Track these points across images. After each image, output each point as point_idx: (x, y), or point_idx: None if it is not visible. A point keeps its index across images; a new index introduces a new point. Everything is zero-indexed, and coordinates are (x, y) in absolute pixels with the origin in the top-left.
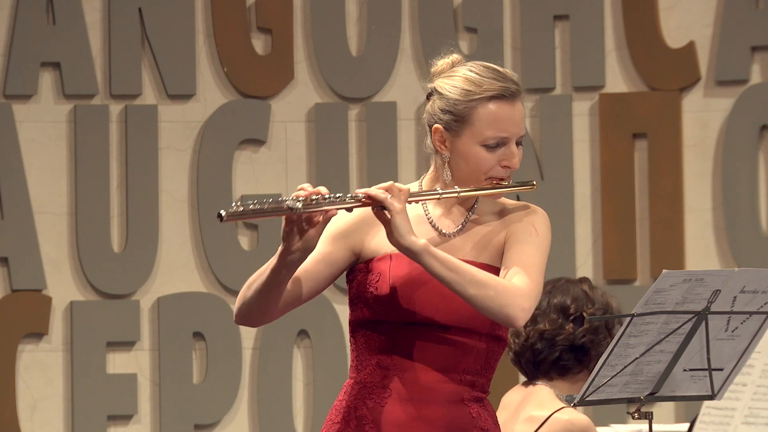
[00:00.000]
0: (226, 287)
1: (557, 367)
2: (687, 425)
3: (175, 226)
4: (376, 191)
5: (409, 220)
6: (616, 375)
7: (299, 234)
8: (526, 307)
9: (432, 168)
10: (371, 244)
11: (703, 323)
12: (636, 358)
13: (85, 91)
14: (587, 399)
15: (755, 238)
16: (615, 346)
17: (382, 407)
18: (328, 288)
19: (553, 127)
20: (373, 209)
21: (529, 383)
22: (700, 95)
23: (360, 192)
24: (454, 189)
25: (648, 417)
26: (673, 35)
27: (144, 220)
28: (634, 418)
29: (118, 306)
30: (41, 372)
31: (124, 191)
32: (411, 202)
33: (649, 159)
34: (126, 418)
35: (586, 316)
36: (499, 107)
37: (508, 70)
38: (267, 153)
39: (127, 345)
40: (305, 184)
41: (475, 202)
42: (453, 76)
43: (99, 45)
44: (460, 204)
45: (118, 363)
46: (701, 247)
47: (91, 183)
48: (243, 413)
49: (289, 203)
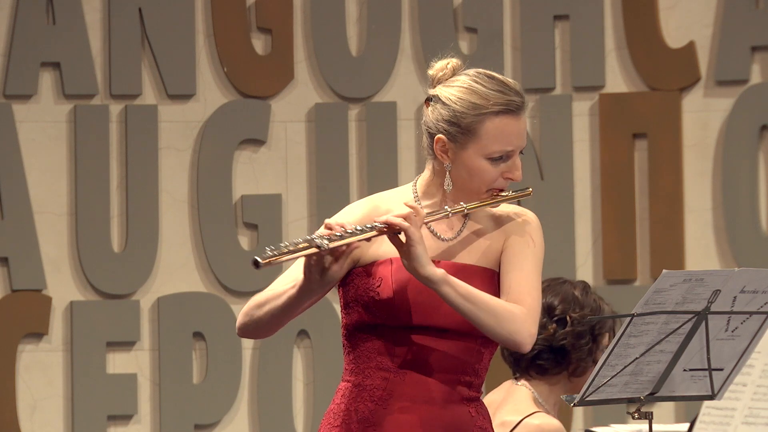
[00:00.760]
0: (226, 287)
1: (535, 366)
2: (687, 425)
3: (175, 226)
4: (396, 220)
5: (425, 245)
6: (616, 375)
7: (321, 269)
8: (533, 333)
9: (428, 171)
10: (371, 248)
11: (703, 323)
12: (636, 358)
13: (85, 91)
14: (587, 399)
15: (755, 238)
16: (615, 346)
17: (384, 409)
18: None
19: (553, 127)
20: (388, 235)
21: (514, 381)
22: (700, 95)
23: (379, 221)
24: (460, 205)
25: (648, 417)
26: (673, 35)
27: (144, 220)
28: (634, 418)
29: (118, 306)
30: (41, 372)
31: (124, 191)
32: (426, 224)
33: (649, 159)
34: (126, 418)
35: (569, 319)
36: (506, 122)
37: (509, 79)
38: (267, 153)
39: (127, 345)
40: (329, 220)
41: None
42: (458, 86)
43: (99, 45)
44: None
45: (118, 363)
46: (701, 247)
47: (91, 183)
48: (243, 413)
49: (317, 241)
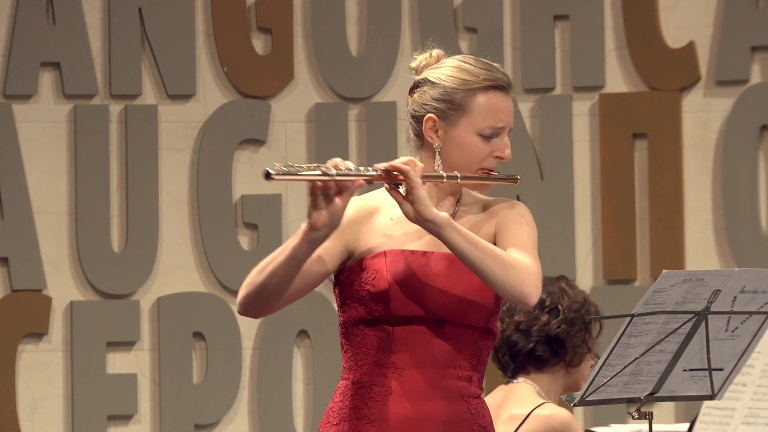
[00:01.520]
0: (226, 287)
1: (533, 359)
2: (687, 425)
3: (175, 226)
4: (398, 162)
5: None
6: (616, 375)
7: (326, 204)
8: (538, 285)
9: (417, 159)
10: (364, 242)
11: (703, 323)
12: (636, 358)
13: (85, 91)
14: (587, 399)
15: (755, 238)
16: (615, 346)
17: (383, 406)
18: (327, 288)
19: (553, 127)
20: (387, 187)
21: (509, 381)
22: (700, 95)
23: (380, 165)
24: (455, 174)
25: (648, 417)
26: (673, 35)
27: (144, 220)
28: (634, 418)
29: (118, 306)
30: (41, 372)
31: (124, 191)
32: (424, 181)
33: (649, 159)
34: (126, 418)
35: (560, 308)
36: (496, 97)
37: (498, 64)
38: (267, 153)
39: (127, 345)
40: (337, 159)
41: (461, 194)
42: (447, 66)
43: (99, 45)
44: (445, 199)
45: (118, 363)
46: (701, 247)
47: (91, 183)
48: (243, 413)
49: (325, 168)
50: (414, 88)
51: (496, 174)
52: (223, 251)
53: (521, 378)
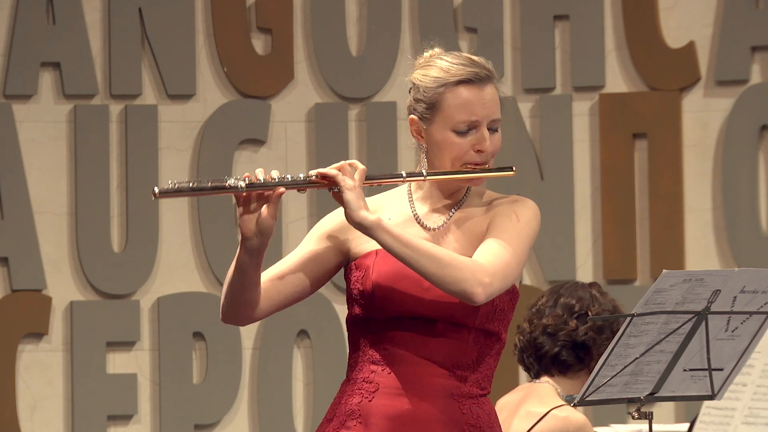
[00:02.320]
0: None
1: (558, 363)
2: (687, 425)
3: (175, 226)
4: (328, 170)
5: (363, 197)
6: (616, 375)
7: (252, 216)
8: (485, 282)
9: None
10: (358, 243)
11: (703, 323)
12: (636, 358)
13: (85, 91)
14: (587, 399)
15: (755, 238)
16: (615, 346)
17: (369, 401)
18: (327, 288)
19: (553, 127)
20: (331, 192)
21: (532, 381)
22: (700, 95)
23: (313, 172)
24: (420, 172)
25: (648, 417)
26: (673, 35)
27: (144, 220)
28: (634, 418)
29: (118, 306)
30: (41, 372)
31: (124, 191)
32: (371, 183)
33: (649, 159)
34: (126, 418)
35: (590, 314)
36: (468, 91)
37: (482, 58)
38: (267, 153)
39: (127, 345)
40: (258, 170)
41: (464, 197)
42: (427, 66)
43: (99, 45)
44: (446, 198)
45: (118, 363)
46: (701, 247)
47: (91, 183)
48: (243, 413)
49: (232, 182)
50: (410, 90)
51: (481, 169)
52: (223, 251)
53: (544, 378)
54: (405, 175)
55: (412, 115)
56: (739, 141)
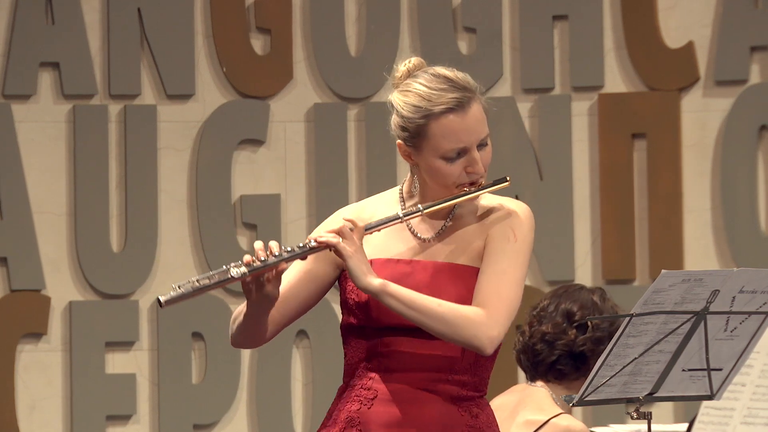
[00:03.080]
0: (225, 288)
1: (554, 371)
2: (686, 425)
3: (174, 226)
4: (327, 237)
5: (366, 260)
6: (615, 375)
7: (257, 291)
8: (493, 335)
9: (409, 173)
10: None
11: (702, 323)
12: (635, 358)
13: (84, 91)
14: (586, 399)
15: (754, 238)
16: (614, 346)
17: (369, 409)
18: None
19: (552, 128)
20: (332, 250)
21: (529, 383)
22: (699, 95)
23: (312, 238)
24: (417, 209)
25: (647, 417)
26: (672, 35)
27: (143, 220)
28: (632, 418)
29: (117, 306)
30: (40, 372)
31: (123, 191)
32: (371, 232)
33: (648, 159)
34: (125, 418)
35: (590, 324)
36: (452, 120)
37: (459, 73)
38: (266, 153)
39: (126, 345)
40: (256, 242)
41: (456, 206)
42: (404, 91)
43: (98, 45)
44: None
45: (117, 363)
46: (700, 247)
47: (90, 183)
48: (242, 413)
49: (233, 272)
50: (391, 105)
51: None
52: (222, 251)
53: (540, 383)
54: (402, 216)
55: (399, 141)
56: (738, 141)
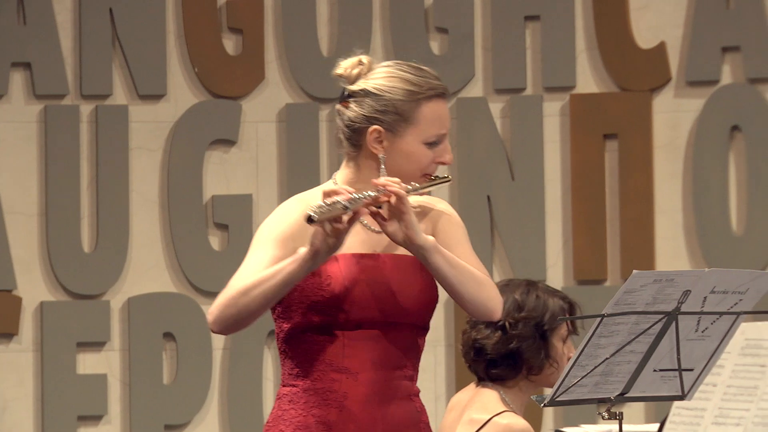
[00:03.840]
0: (196, 288)
1: (492, 375)
2: (657, 426)
3: (146, 226)
4: (395, 186)
5: None
6: (586, 375)
7: (332, 230)
8: (501, 300)
9: (348, 168)
10: None
11: (674, 324)
12: (606, 358)
13: (56, 92)
14: (557, 399)
15: (725, 238)
16: (585, 346)
17: (340, 412)
18: None
19: (524, 128)
20: (371, 209)
21: (479, 383)
22: (670, 96)
23: (378, 183)
24: (412, 185)
25: (618, 417)
26: (644, 36)
27: (114, 220)
28: (604, 418)
29: (88, 306)
30: (11, 372)
31: (94, 191)
32: (414, 193)
33: (620, 159)
34: (96, 418)
35: (508, 325)
36: (439, 105)
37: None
38: (238, 153)
39: (98, 345)
40: (331, 188)
41: None
42: (386, 76)
43: (70, 45)
44: None
45: (88, 363)
46: (671, 248)
47: (62, 183)
48: (213, 414)
49: (346, 204)
50: (348, 97)
51: (432, 179)
52: (194, 252)
53: (489, 383)
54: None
55: (375, 126)
56: (710, 142)
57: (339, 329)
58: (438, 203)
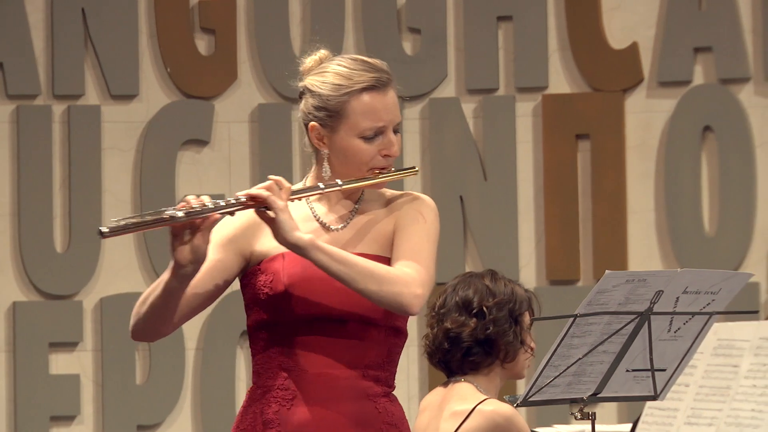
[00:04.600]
0: None
1: (468, 363)
2: (630, 426)
3: None
4: (257, 191)
5: (293, 217)
6: (559, 375)
7: (186, 245)
8: (419, 294)
9: (314, 167)
10: (261, 246)
11: (646, 324)
12: (579, 358)
13: (28, 92)
14: (530, 400)
15: (697, 239)
16: (558, 346)
17: (287, 410)
18: None
19: (497, 128)
20: (256, 210)
21: (449, 382)
22: (642, 96)
23: (241, 194)
24: (335, 183)
25: (591, 417)
26: (616, 36)
27: (87, 220)
28: (576, 418)
29: (60, 307)
30: None
31: (67, 191)
32: (293, 199)
33: (592, 160)
34: (69, 418)
35: (485, 310)
36: (372, 97)
37: (376, 60)
38: (210, 153)
39: (70, 346)
40: (189, 196)
41: (361, 195)
42: (323, 72)
43: (42, 45)
44: (345, 198)
45: (60, 364)
46: (644, 248)
47: (34, 183)
48: (186, 414)
49: (170, 212)
50: (300, 94)
51: (387, 172)
52: (167, 252)
53: (461, 378)
54: (323, 188)
55: (312, 123)
56: (682, 142)
57: (287, 326)
58: (417, 195)
